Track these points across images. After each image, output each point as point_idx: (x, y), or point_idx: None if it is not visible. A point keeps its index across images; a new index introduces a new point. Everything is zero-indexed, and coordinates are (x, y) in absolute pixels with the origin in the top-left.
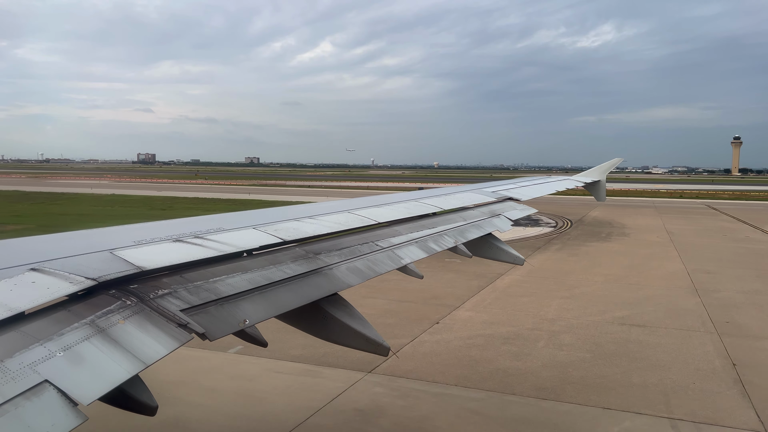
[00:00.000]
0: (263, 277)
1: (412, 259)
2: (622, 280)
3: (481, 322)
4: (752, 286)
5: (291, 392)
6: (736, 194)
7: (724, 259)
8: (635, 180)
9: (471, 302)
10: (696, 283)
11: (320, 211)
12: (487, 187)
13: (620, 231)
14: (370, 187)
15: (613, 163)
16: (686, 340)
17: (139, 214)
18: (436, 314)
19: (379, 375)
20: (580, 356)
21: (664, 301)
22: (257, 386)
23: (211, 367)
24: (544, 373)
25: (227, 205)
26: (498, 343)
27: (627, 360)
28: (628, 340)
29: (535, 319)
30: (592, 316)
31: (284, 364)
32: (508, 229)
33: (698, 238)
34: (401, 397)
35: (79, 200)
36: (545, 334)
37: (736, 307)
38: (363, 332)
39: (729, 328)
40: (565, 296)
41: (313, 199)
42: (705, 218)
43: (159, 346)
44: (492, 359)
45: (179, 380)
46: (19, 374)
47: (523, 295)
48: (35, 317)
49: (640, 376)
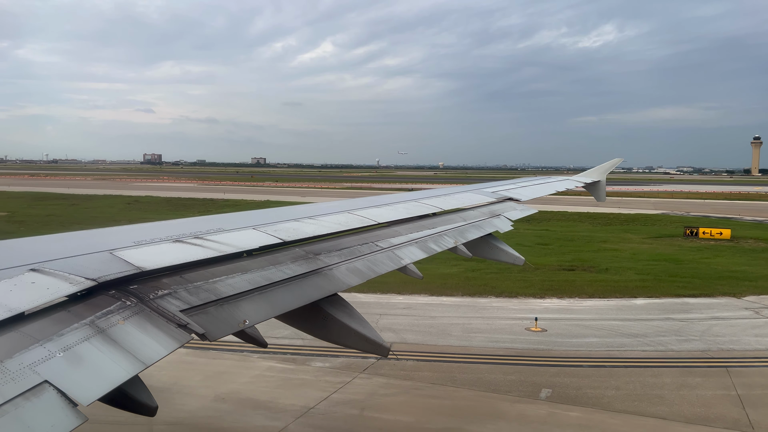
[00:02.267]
0: (263, 277)
1: (411, 260)
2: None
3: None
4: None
5: None
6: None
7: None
8: (659, 181)
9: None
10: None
11: (320, 212)
12: (487, 188)
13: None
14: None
15: (613, 164)
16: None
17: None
18: None
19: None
20: None
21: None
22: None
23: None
24: None
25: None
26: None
27: None
28: None
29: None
30: None
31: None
32: (508, 229)
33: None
34: None
35: (148, 203)
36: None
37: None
38: (363, 332)
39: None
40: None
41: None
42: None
43: (159, 347)
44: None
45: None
46: (19, 375)
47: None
48: (35, 318)
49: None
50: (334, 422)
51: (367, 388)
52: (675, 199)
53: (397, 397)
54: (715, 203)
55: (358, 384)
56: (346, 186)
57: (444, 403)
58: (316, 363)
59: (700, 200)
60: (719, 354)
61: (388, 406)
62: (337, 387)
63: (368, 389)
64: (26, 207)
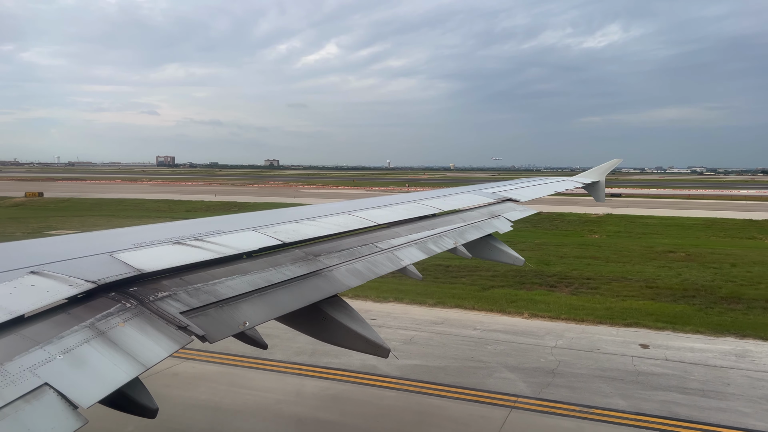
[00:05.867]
0: (263, 279)
1: (411, 261)
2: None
3: None
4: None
5: None
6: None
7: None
8: (700, 181)
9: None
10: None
11: (319, 213)
12: (487, 188)
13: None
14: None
15: (612, 164)
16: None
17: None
18: None
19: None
20: None
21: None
22: None
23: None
24: None
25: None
26: None
27: None
28: None
29: None
30: None
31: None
32: (507, 230)
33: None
34: None
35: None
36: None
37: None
38: (363, 334)
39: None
40: None
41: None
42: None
43: (159, 349)
44: None
45: None
46: (19, 377)
47: None
48: (35, 320)
49: None
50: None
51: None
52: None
53: None
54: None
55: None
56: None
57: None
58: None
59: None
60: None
61: None
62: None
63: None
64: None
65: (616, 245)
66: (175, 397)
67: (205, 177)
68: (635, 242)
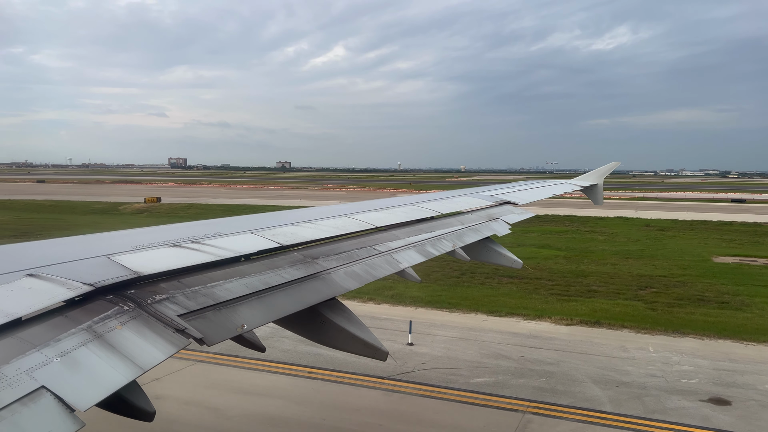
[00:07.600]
0: (261, 281)
1: (410, 263)
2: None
3: None
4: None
5: None
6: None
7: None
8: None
9: None
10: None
11: (318, 216)
12: (486, 191)
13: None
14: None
15: (610, 167)
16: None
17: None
18: None
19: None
20: None
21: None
22: None
23: None
24: None
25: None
26: None
27: None
28: None
29: None
30: None
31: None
32: (506, 233)
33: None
34: None
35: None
36: None
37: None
38: (361, 337)
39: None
40: None
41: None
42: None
43: (157, 352)
44: None
45: None
46: (16, 380)
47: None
48: (32, 323)
49: None
50: None
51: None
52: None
53: None
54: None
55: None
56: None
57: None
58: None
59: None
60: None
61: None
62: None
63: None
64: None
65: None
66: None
67: (257, 180)
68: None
